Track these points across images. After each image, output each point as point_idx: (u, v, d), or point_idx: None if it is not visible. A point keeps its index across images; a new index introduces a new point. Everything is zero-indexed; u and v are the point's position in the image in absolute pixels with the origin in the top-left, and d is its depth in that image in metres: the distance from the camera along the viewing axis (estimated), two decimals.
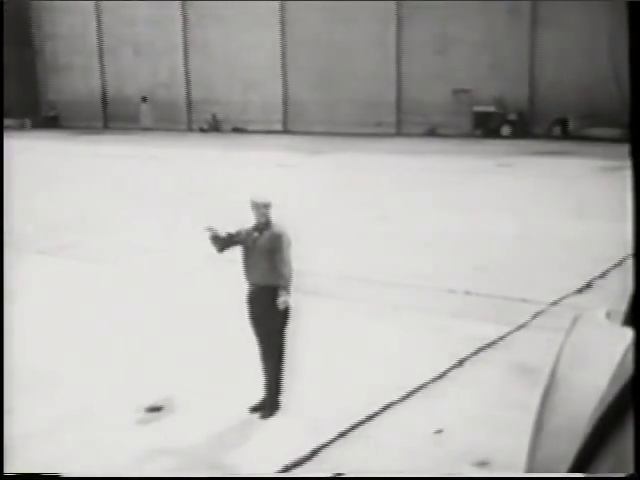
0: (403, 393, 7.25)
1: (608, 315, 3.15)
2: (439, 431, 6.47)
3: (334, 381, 7.43)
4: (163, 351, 8.62)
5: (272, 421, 6.82)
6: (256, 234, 6.75)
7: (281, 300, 6.56)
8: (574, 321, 3.29)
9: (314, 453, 6.14)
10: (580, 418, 2.27)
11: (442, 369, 7.83)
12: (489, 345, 8.54)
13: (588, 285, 10.84)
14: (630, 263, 11.96)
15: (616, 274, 11.48)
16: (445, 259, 12.66)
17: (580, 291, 10.57)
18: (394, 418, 6.83)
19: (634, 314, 2.64)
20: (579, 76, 32.69)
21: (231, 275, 11.11)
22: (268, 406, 6.90)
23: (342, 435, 6.44)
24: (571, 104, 32.30)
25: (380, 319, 9.60)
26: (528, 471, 2.55)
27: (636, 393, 1.91)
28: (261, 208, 6.69)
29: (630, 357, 2.18)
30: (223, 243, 6.87)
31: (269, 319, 6.74)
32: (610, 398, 2.10)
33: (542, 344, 8.63)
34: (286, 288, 6.62)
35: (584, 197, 18.07)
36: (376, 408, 6.91)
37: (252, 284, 6.83)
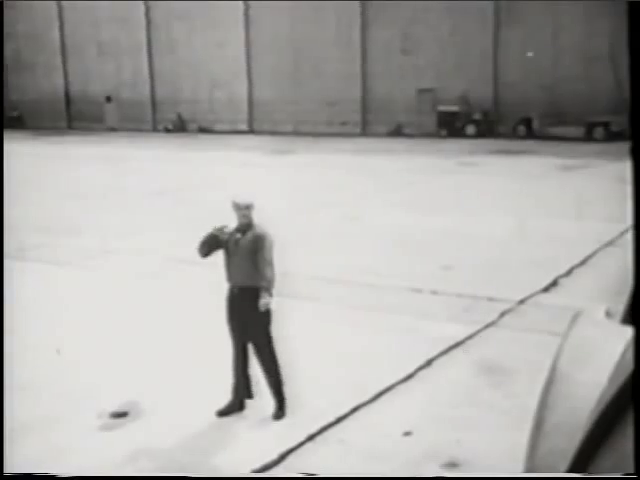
0: (371, 394, 7.21)
1: (607, 313, 3.13)
2: (408, 433, 6.44)
3: (301, 383, 7.36)
4: (127, 354, 8.51)
5: (239, 424, 6.75)
6: (238, 235, 6.68)
7: (262, 302, 6.50)
8: (574, 319, 3.27)
9: (282, 457, 6.08)
10: (580, 415, 2.24)
11: (410, 370, 7.81)
12: (457, 345, 8.54)
13: (554, 283, 10.90)
14: (595, 260, 12.08)
15: (581, 271, 11.58)
16: (410, 258, 12.66)
17: (546, 289, 10.63)
18: (363, 420, 6.79)
19: (634, 312, 2.62)
20: (542, 75, 33.02)
21: (196, 277, 11.06)
22: (277, 407, 6.85)
23: (310, 438, 6.39)
24: (535, 103, 32.61)
25: (346, 319, 9.56)
26: (528, 469, 2.51)
27: (636, 391, 1.88)
28: (243, 209, 6.63)
29: (629, 355, 2.15)
30: (209, 246, 6.78)
31: (250, 321, 6.68)
32: (610, 396, 2.07)
33: (510, 343, 8.67)
34: (268, 290, 6.56)
35: (547, 196, 18.21)
36: (344, 410, 6.87)
37: (233, 285, 6.76)
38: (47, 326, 9.56)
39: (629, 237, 13.47)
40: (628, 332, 2.52)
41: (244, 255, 6.62)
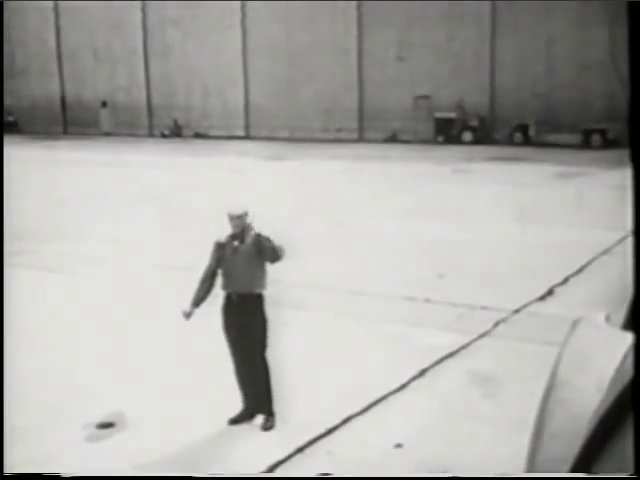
0: (363, 405, 7.08)
1: (607, 319, 3.06)
2: (399, 445, 6.30)
3: (291, 392, 7.23)
4: (117, 364, 8.38)
5: (231, 434, 6.62)
6: (236, 243, 6.62)
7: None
8: (574, 325, 3.21)
9: (271, 469, 5.95)
10: (580, 422, 2.18)
11: (403, 380, 7.67)
12: (451, 354, 8.41)
13: (550, 292, 10.78)
14: (591, 269, 11.97)
15: (576, 280, 11.47)
16: (404, 266, 12.54)
17: (542, 298, 10.51)
18: (354, 431, 6.66)
19: (634, 318, 2.56)
20: (538, 82, 32.98)
21: (187, 284, 10.92)
22: (266, 417, 6.74)
23: (300, 450, 6.26)
24: (531, 110, 32.57)
25: (338, 328, 9.42)
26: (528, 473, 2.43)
27: (636, 396, 1.84)
28: (235, 219, 6.56)
29: (629, 360, 2.10)
30: (213, 273, 6.75)
31: (250, 328, 6.59)
32: (610, 402, 2.02)
33: (504, 353, 8.54)
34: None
35: (542, 203, 18.11)
36: (335, 421, 6.74)
37: (232, 293, 6.66)
38: (37, 333, 9.42)
39: (625, 246, 13.38)
40: (628, 338, 2.45)
41: (247, 260, 6.56)
